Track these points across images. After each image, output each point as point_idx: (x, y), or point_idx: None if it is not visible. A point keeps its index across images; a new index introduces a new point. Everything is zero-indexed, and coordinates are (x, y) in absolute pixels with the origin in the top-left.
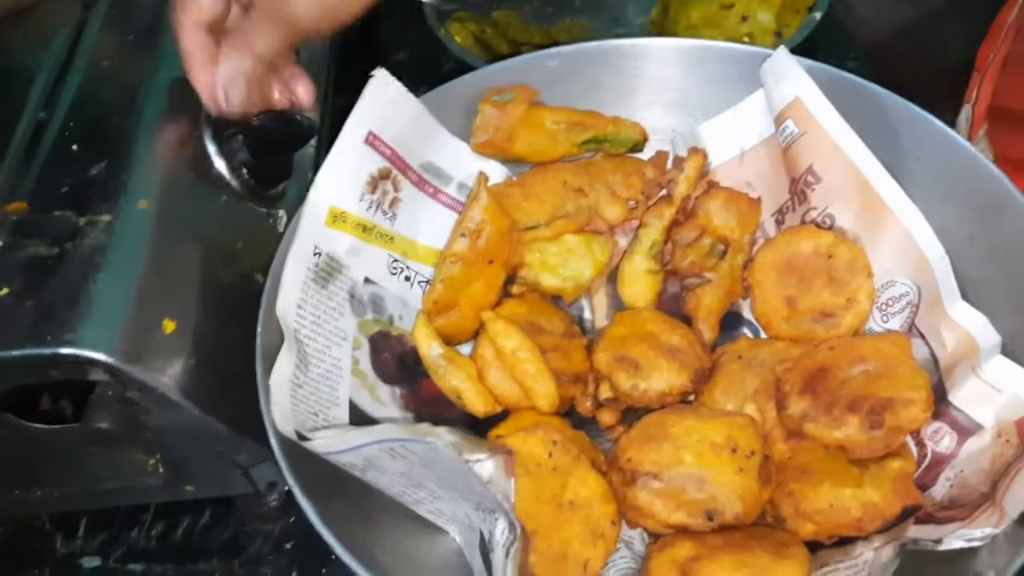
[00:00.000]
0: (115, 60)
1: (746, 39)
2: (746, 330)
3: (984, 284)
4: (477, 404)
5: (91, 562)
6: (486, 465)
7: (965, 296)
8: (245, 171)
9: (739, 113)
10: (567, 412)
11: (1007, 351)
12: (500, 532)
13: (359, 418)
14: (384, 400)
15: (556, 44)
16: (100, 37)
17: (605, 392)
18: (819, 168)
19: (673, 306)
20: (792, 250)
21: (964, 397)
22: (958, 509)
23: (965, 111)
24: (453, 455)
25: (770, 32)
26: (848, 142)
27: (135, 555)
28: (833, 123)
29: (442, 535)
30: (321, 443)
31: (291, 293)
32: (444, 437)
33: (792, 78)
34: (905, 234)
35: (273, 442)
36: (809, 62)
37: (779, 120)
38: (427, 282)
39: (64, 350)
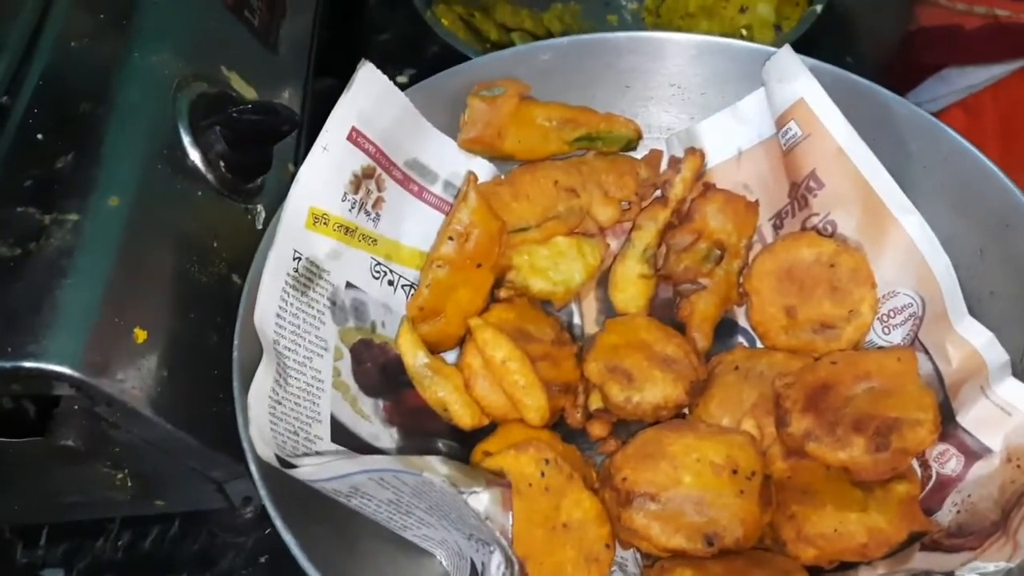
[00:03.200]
0: (85, 41)
1: (744, 31)
2: (741, 338)
3: (994, 299)
4: (464, 417)
5: (53, 574)
6: (482, 498)
7: (972, 310)
8: (222, 164)
9: (738, 112)
10: (556, 423)
11: (1016, 369)
12: (496, 566)
13: (341, 434)
14: (367, 413)
15: (546, 29)
16: (70, 14)
17: (595, 402)
18: (822, 173)
19: (666, 312)
20: (792, 257)
21: (972, 419)
22: (967, 537)
23: None
24: (448, 488)
25: (769, 25)
26: (853, 147)
27: (100, 567)
28: (838, 127)
29: (428, 559)
30: (306, 471)
31: (270, 301)
32: (438, 470)
33: (797, 78)
34: (909, 244)
35: (252, 467)
36: (813, 61)
37: (781, 121)
38: (411, 286)
39: (26, 363)
